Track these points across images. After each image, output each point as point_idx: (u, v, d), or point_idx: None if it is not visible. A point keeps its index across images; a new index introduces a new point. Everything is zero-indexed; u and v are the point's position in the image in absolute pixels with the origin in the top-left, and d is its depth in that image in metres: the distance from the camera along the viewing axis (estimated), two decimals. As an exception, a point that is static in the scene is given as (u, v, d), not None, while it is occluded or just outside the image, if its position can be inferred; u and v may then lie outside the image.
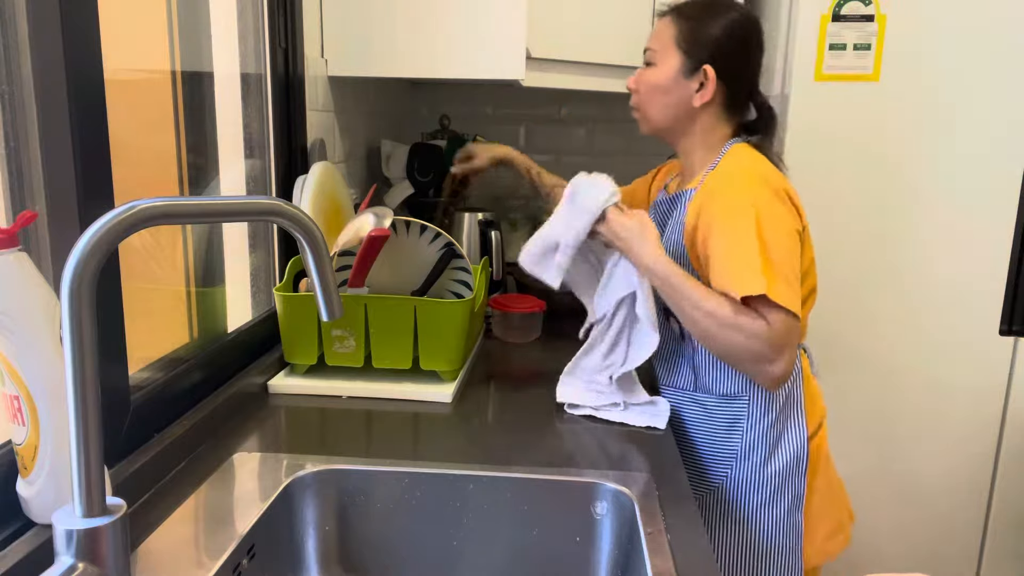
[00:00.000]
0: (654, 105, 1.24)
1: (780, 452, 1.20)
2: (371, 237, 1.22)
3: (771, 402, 1.19)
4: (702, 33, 1.18)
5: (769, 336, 1.05)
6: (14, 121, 0.79)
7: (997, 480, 1.90)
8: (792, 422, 1.21)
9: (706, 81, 1.18)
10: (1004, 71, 1.75)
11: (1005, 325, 1.84)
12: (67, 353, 0.58)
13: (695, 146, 1.24)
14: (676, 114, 1.22)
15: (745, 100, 1.24)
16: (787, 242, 1.09)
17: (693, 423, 1.25)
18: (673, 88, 1.21)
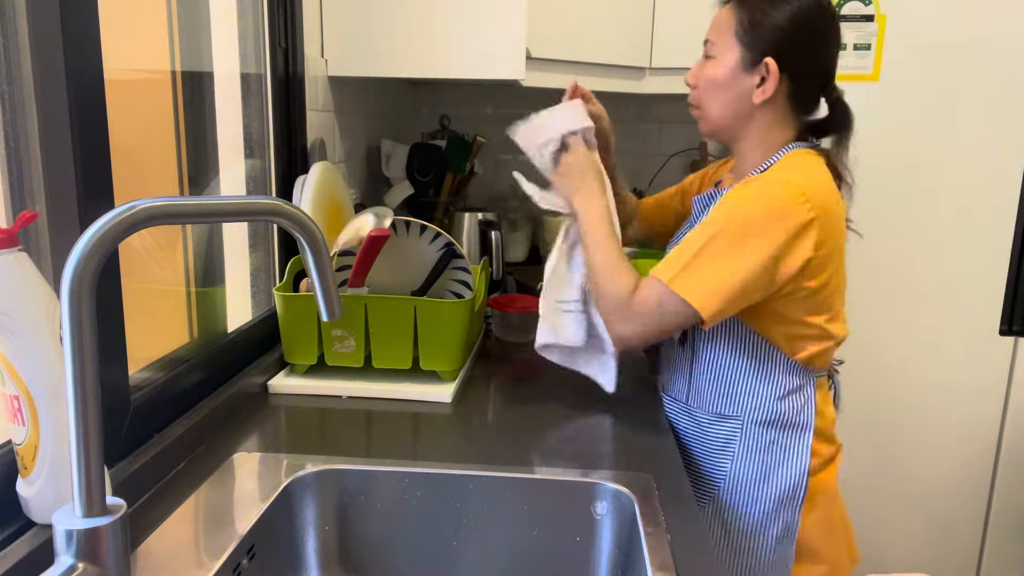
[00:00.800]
0: (712, 102, 1.14)
1: (774, 480, 1.14)
2: (371, 237, 1.22)
3: (768, 427, 1.14)
4: (764, 22, 1.07)
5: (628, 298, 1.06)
6: (14, 121, 0.79)
7: (997, 480, 1.91)
8: (792, 452, 1.14)
9: (767, 75, 1.08)
10: (1004, 71, 1.75)
11: (1005, 325, 1.84)
12: (67, 353, 0.58)
13: (752, 147, 1.14)
14: (735, 111, 1.12)
15: (814, 96, 1.13)
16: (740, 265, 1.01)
17: (687, 436, 1.21)
18: (731, 83, 1.11)
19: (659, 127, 2.38)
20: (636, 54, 1.96)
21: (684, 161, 2.35)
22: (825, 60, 1.11)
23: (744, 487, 1.15)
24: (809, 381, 1.15)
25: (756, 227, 1.02)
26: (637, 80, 1.99)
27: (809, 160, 1.11)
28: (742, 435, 1.15)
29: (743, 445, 1.15)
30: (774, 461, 1.14)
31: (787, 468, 1.14)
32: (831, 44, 1.11)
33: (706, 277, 1.03)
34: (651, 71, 2.00)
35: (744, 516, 1.16)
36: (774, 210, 1.03)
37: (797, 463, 1.14)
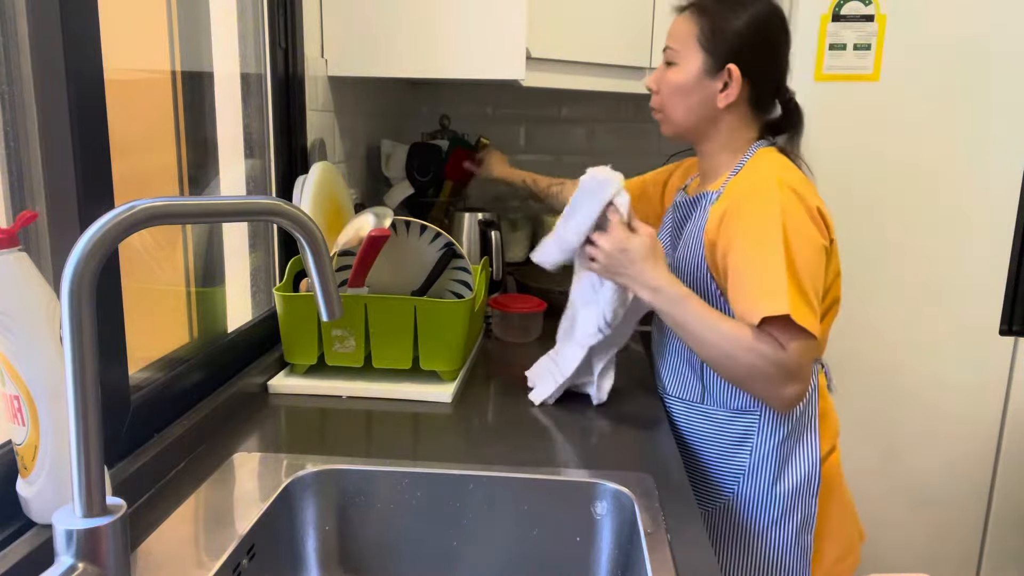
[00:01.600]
0: (677, 107, 1.18)
1: (791, 471, 1.15)
2: (371, 237, 1.22)
3: (783, 419, 1.15)
4: (725, 29, 1.12)
5: (786, 361, 1.00)
6: (14, 121, 0.79)
7: (997, 480, 1.90)
8: (805, 441, 1.16)
9: (730, 80, 1.12)
10: (1004, 71, 1.75)
11: (1005, 325, 1.84)
12: (67, 353, 0.58)
13: (719, 148, 1.18)
14: (699, 115, 1.16)
15: (772, 98, 1.18)
16: (814, 260, 1.04)
17: (700, 436, 1.20)
18: (696, 88, 1.15)
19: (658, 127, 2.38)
20: (636, 54, 1.96)
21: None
22: (781, 64, 1.17)
23: (762, 481, 1.16)
24: (814, 371, 1.16)
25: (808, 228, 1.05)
26: (637, 80, 1.99)
27: (776, 157, 1.15)
28: (759, 427, 1.16)
29: (761, 438, 1.16)
30: (790, 452, 1.16)
31: (802, 457, 1.16)
32: (784, 48, 1.16)
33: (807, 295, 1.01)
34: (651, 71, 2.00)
35: (763, 510, 1.16)
36: (802, 209, 1.05)
37: (811, 451, 1.16)
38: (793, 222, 1.04)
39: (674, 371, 1.24)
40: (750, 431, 1.16)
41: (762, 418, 1.15)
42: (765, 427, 1.15)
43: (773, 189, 1.06)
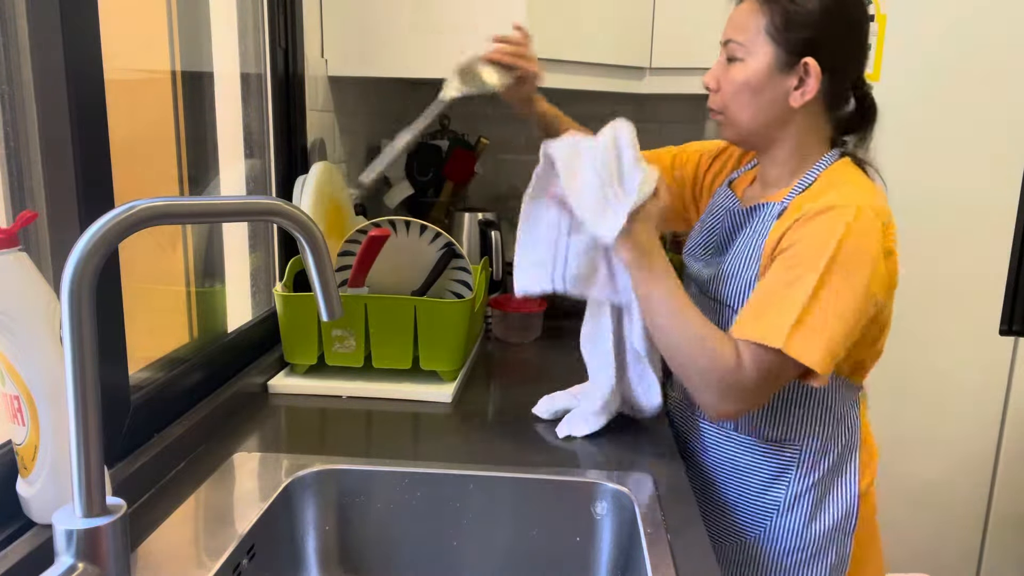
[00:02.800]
0: (743, 107, 1.02)
1: (828, 508, 1.05)
2: (371, 237, 1.22)
3: (827, 452, 1.05)
4: (798, 17, 0.96)
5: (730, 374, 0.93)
6: (14, 121, 0.79)
7: (997, 480, 1.90)
8: (845, 476, 1.06)
9: (807, 76, 0.98)
10: (1004, 71, 1.75)
11: (1005, 325, 1.84)
12: (67, 353, 0.58)
13: (787, 154, 1.04)
14: (769, 116, 1.02)
15: (847, 93, 1.03)
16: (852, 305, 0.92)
17: (730, 467, 1.10)
18: (766, 86, 1.00)
19: (659, 127, 2.38)
20: (636, 54, 1.95)
21: (684, 161, 2.35)
22: (862, 52, 1.02)
23: (798, 518, 1.06)
24: (856, 398, 1.08)
25: (852, 264, 0.93)
26: (637, 80, 1.99)
27: (850, 173, 1.02)
28: (799, 462, 1.05)
29: (800, 472, 1.06)
30: (829, 487, 1.06)
31: (841, 494, 1.06)
32: (865, 32, 1.01)
33: (822, 334, 0.91)
34: (651, 71, 2.00)
35: (794, 551, 1.07)
36: (864, 241, 0.94)
37: (850, 486, 1.06)
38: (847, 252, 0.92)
39: None
40: (790, 465, 1.06)
41: (804, 451, 1.05)
42: (806, 460, 1.05)
43: (846, 213, 0.94)
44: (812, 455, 1.06)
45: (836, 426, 1.06)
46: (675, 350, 0.98)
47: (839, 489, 1.06)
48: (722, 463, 1.11)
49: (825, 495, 1.06)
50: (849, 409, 1.07)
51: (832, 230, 0.93)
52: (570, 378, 1.28)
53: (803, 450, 1.06)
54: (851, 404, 1.08)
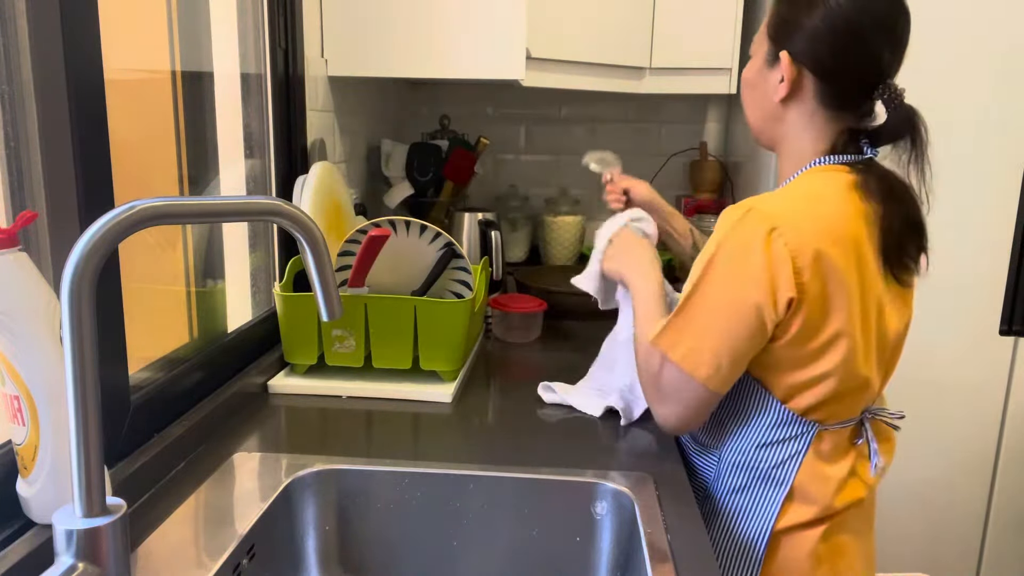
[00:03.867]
0: (746, 103, 1.06)
1: (741, 525, 1.03)
2: (371, 237, 1.22)
3: (742, 470, 1.03)
4: (793, 16, 0.97)
5: (655, 378, 0.99)
6: (14, 121, 0.79)
7: (997, 480, 1.90)
8: (765, 500, 1.01)
9: (783, 71, 0.98)
10: (1003, 71, 1.75)
11: (1005, 325, 1.84)
12: (67, 353, 0.58)
13: (787, 155, 1.03)
14: (763, 114, 1.03)
15: (856, 99, 0.99)
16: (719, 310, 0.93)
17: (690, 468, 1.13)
18: (758, 82, 1.03)
19: (659, 127, 2.38)
20: (636, 54, 1.96)
21: (684, 161, 2.35)
22: (867, 58, 0.97)
23: (715, 523, 1.06)
24: (807, 433, 0.99)
25: (728, 272, 0.93)
26: (637, 80, 1.99)
27: (820, 180, 0.98)
28: (716, 472, 1.06)
29: (715, 482, 1.06)
30: (743, 506, 1.03)
31: (755, 518, 1.02)
32: (877, 44, 0.97)
33: (686, 331, 0.95)
34: (651, 71, 2.00)
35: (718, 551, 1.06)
36: (742, 249, 0.92)
37: (763, 517, 1.01)
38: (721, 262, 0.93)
39: None
40: (707, 470, 1.08)
41: (723, 460, 1.05)
42: (721, 473, 1.06)
43: (733, 217, 0.94)
44: (728, 468, 1.05)
45: (757, 450, 1.01)
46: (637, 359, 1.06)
47: (752, 512, 1.02)
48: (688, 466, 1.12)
49: (736, 515, 1.03)
50: (782, 442, 1.00)
51: (718, 233, 0.95)
52: (570, 378, 1.28)
53: (720, 460, 1.06)
54: (788, 438, 0.99)
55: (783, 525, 1.00)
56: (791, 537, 1.01)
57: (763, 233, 0.91)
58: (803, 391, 0.98)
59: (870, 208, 0.95)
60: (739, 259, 0.92)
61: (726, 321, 0.93)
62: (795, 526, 1.00)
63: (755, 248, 0.91)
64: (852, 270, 0.93)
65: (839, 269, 0.92)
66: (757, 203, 0.94)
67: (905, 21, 0.98)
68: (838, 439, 1.02)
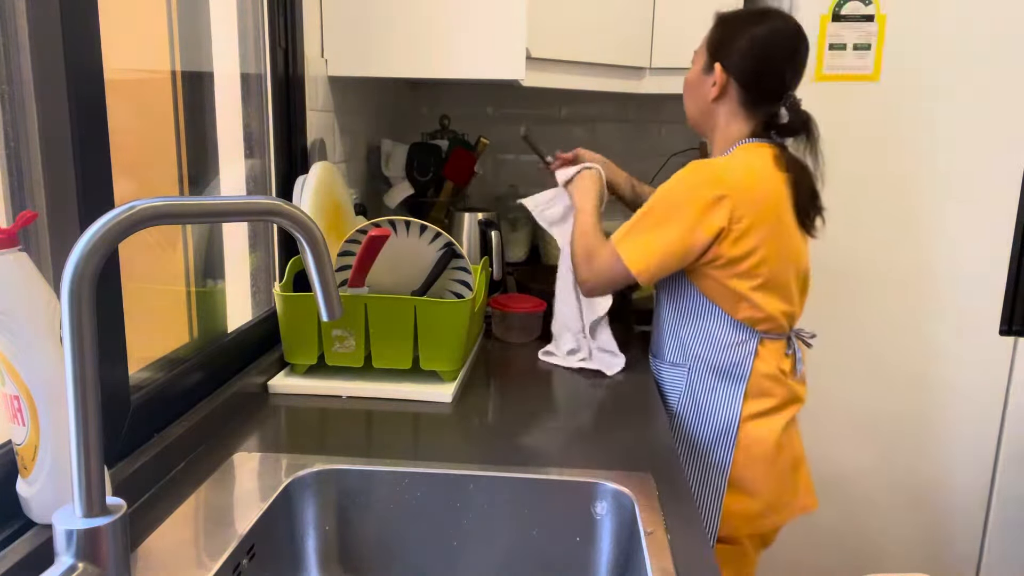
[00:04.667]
0: (687, 99, 1.41)
1: (711, 420, 1.33)
2: (371, 237, 1.22)
3: (708, 373, 1.33)
4: (727, 38, 1.31)
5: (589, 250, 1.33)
6: (14, 121, 0.79)
7: (997, 480, 1.90)
8: (728, 397, 1.32)
9: (716, 77, 1.31)
10: (1004, 71, 1.75)
11: (1005, 325, 1.84)
12: (67, 353, 0.58)
13: (718, 139, 1.37)
14: (699, 108, 1.37)
15: (767, 102, 1.32)
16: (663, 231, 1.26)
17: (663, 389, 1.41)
18: (697, 84, 1.36)
19: (659, 127, 2.38)
20: (636, 54, 1.96)
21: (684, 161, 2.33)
22: (774, 76, 1.31)
23: (687, 425, 1.35)
24: (751, 339, 1.31)
25: (675, 203, 1.26)
26: (637, 80, 1.99)
27: (753, 151, 1.31)
28: (687, 380, 1.35)
29: (687, 388, 1.35)
30: (712, 403, 1.33)
31: (722, 411, 1.32)
32: (788, 63, 1.31)
33: (640, 243, 1.28)
34: (651, 71, 2.00)
35: (688, 447, 1.35)
36: (690, 189, 1.26)
37: (730, 407, 1.32)
38: (673, 195, 1.27)
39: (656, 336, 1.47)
40: (678, 379, 1.37)
41: (691, 370, 1.35)
42: (693, 378, 1.35)
43: (696, 168, 1.28)
44: (696, 375, 1.35)
45: (718, 355, 1.32)
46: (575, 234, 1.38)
47: (719, 407, 1.33)
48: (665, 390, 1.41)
49: (708, 411, 1.34)
50: (737, 346, 1.31)
51: (682, 173, 1.29)
52: (571, 378, 1.28)
53: (689, 370, 1.36)
54: (740, 342, 1.31)
55: (748, 412, 1.32)
56: (757, 425, 1.32)
57: (708, 175, 1.26)
58: (741, 302, 1.29)
59: (786, 175, 1.28)
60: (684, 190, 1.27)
61: (670, 242, 1.26)
62: (757, 414, 1.32)
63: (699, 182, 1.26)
64: (772, 215, 1.26)
65: (762, 211, 1.25)
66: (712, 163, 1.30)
67: (805, 49, 1.32)
68: (775, 348, 1.34)
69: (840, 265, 1.85)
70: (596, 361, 1.43)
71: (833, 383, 1.90)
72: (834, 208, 1.84)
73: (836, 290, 1.86)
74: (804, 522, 1.83)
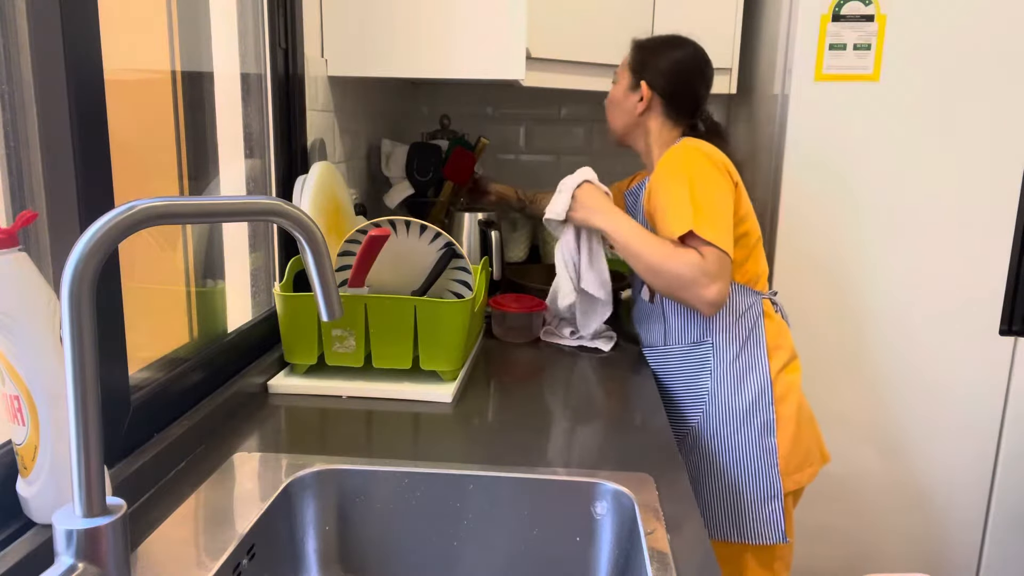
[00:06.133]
0: (611, 115, 1.53)
1: (746, 385, 1.38)
2: (371, 237, 1.22)
3: (731, 342, 1.39)
4: (648, 59, 1.46)
5: (702, 264, 1.25)
6: (14, 121, 0.79)
7: (997, 480, 1.91)
8: (755, 358, 1.39)
9: (643, 93, 1.45)
10: (1004, 71, 1.75)
11: (1005, 325, 1.84)
12: (67, 353, 0.58)
13: (650, 146, 1.48)
14: (626, 121, 1.49)
15: (688, 114, 1.46)
16: (716, 193, 1.29)
17: (668, 373, 1.45)
18: (623, 101, 1.49)
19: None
20: (636, 54, 1.95)
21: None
22: (696, 90, 1.46)
23: (723, 398, 1.39)
24: (757, 300, 1.40)
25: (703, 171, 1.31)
26: (637, 80, 1.99)
27: (697, 140, 1.40)
28: (714, 353, 1.40)
29: (716, 361, 1.39)
30: (743, 368, 1.39)
31: (754, 372, 1.38)
32: (700, 81, 1.46)
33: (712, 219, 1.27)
34: (651, 71, 2.00)
35: (726, 423, 1.38)
36: (705, 156, 1.32)
37: (761, 366, 1.38)
38: (695, 165, 1.31)
39: (644, 326, 1.51)
40: (707, 358, 1.40)
41: (715, 345, 1.39)
42: (718, 351, 1.39)
43: (680, 148, 1.35)
44: (722, 346, 1.39)
45: (737, 322, 1.38)
46: (657, 269, 1.29)
47: (753, 370, 1.38)
48: (664, 373, 1.46)
49: (743, 376, 1.39)
50: (748, 309, 1.39)
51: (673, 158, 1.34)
52: (570, 378, 1.28)
53: (714, 345, 1.40)
54: (750, 305, 1.39)
55: (775, 368, 1.39)
56: (784, 378, 1.40)
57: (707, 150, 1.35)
58: (743, 264, 1.38)
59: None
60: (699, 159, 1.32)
61: (726, 205, 1.30)
62: (781, 368, 1.41)
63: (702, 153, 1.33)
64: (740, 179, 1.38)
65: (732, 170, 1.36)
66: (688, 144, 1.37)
67: (712, 73, 1.48)
68: (769, 305, 1.44)
69: (839, 265, 1.85)
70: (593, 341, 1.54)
71: (833, 383, 1.90)
72: (834, 208, 1.85)
73: (835, 290, 1.86)
74: (804, 522, 1.83)
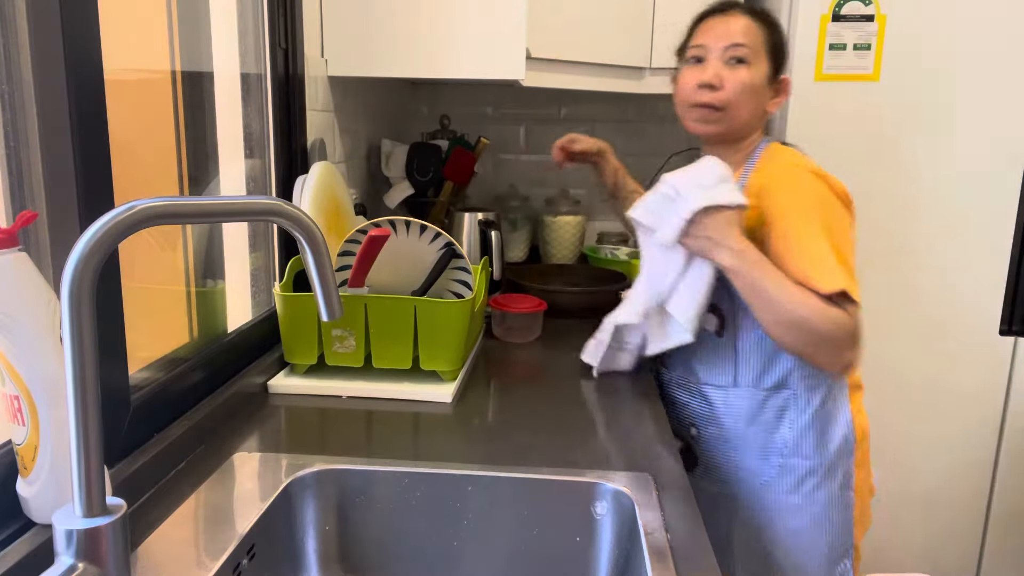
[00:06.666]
0: (743, 105, 1.21)
1: (831, 435, 1.22)
2: (371, 237, 1.22)
3: (817, 388, 1.22)
4: (782, 44, 1.24)
5: (850, 326, 1.08)
6: (14, 121, 0.79)
7: (997, 480, 1.91)
8: (839, 403, 1.23)
9: (781, 91, 1.25)
10: (1004, 71, 1.75)
11: (1005, 325, 1.84)
12: (67, 353, 0.58)
13: (741, 147, 1.27)
14: (754, 115, 1.23)
15: None
16: (851, 244, 1.14)
17: (737, 418, 1.26)
18: (761, 92, 1.22)
19: (659, 127, 2.38)
20: (636, 54, 1.96)
21: (684, 161, 2.35)
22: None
23: (804, 449, 1.22)
24: None
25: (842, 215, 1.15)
26: (637, 80, 2.00)
27: (795, 151, 1.26)
28: (795, 400, 1.22)
29: (797, 409, 1.22)
30: (827, 417, 1.23)
31: (838, 418, 1.23)
32: None
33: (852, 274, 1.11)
34: (651, 71, 2.00)
35: (807, 477, 1.22)
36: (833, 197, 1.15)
37: (844, 413, 1.24)
38: (828, 208, 1.14)
39: (708, 362, 1.28)
40: (787, 404, 1.23)
41: (797, 391, 1.22)
42: (801, 398, 1.22)
43: (806, 176, 1.16)
44: (804, 393, 1.22)
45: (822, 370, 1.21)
46: (800, 324, 1.08)
47: (836, 417, 1.23)
48: (728, 415, 1.27)
49: (827, 426, 1.23)
50: None
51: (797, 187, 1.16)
52: (571, 378, 1.28)
53: (796, 390, 1.22)
54: None
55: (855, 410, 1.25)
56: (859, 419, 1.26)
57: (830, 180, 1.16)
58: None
59: None
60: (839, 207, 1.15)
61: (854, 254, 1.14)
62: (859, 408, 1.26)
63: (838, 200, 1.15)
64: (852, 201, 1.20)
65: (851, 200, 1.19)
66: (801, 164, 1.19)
67: None
68: None
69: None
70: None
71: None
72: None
73: (836, 290, 1.86)
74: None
